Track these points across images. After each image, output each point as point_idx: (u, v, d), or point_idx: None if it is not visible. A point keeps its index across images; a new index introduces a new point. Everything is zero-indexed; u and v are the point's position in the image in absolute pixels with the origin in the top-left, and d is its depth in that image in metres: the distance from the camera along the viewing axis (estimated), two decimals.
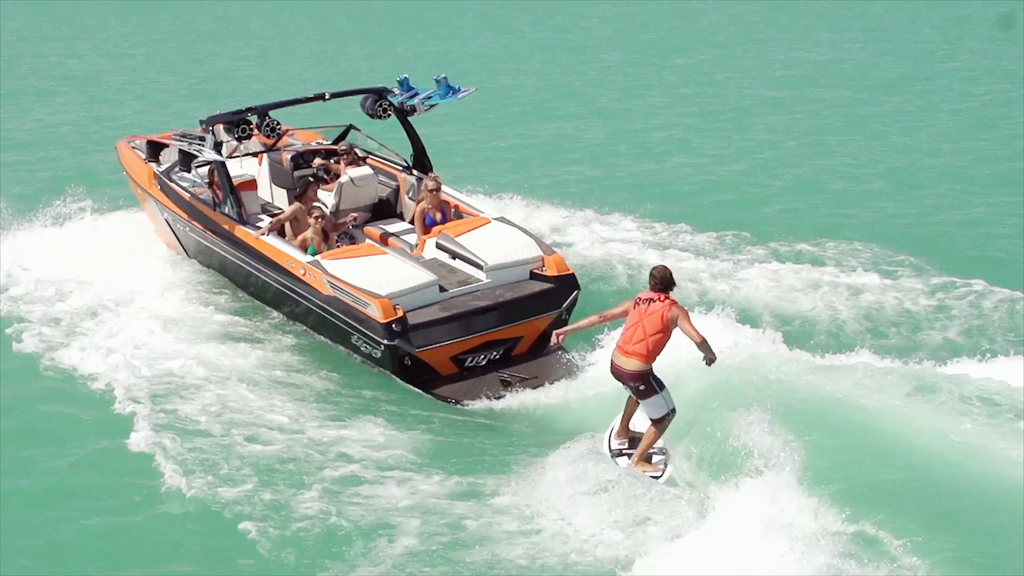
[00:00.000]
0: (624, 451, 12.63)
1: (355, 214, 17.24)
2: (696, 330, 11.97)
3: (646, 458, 12.38)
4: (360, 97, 18.21)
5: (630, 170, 24.67)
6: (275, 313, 16.66)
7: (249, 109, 17.05)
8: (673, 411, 12.24)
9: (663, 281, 12.17)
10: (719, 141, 26.86)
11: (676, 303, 12.13)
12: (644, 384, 12.07)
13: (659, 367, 12.15)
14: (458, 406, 14.50)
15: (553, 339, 12.94)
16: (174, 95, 33.02)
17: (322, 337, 15.85)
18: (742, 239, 19.66)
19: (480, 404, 14.50)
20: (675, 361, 12.54)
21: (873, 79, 33.03)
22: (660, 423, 12.22)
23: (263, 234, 16.34)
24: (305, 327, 16.13)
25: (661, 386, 12.14)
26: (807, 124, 28.13)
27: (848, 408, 12.75)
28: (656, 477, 12.20)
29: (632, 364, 12.01)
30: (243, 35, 45.03)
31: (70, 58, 39.92)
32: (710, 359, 12.06)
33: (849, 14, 44.10)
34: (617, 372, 12.22)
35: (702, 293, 17.20)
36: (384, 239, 17.15)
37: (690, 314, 12.28)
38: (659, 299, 12.10)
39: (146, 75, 36.52)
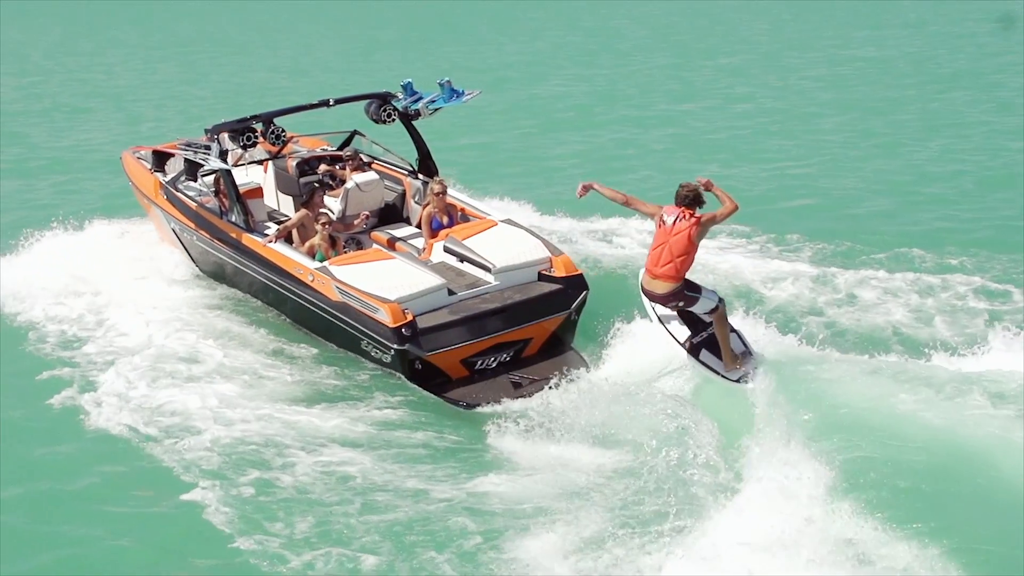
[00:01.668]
0: (696, 341, 13.02)
1: (367, 212, 17.26)
2: (723, 211, 12.44)
3: (733, 356, 12.82)
4: (364, 102, 18.23)
5: (705, 176, 23.64)
6: (364, 367, 15.35)
7: (254, 117, 17.06)
8: (721, 300, 12.70)
9: (688, 199, 12.43)
10: (789, 142, 25.82)
11: (700, 219, 12.36)
12: (683, 299, 12.51)
13: None
14: (468, 409, 14.50)
15: (580, 190, 13.26)
16: (211, 108, 32.27)
17: (332, 343, 15.86)
18: (851, 251, 18.46)
19: (491, 407, 14.46)
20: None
21: (930, 75, 31.96)
22: (715, 313, 12.68)
23: (271, 241, 16.36)
24: (314, 333, 16.14)
25: (699, 288, 12.57)
26: (876, 123, 27.12)
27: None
28: (747, 373, 12.69)
29: (664, 287, 12.41)
30: (271, 43, 44.51)
31: (100, 73, 39.29)
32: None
33: (880, 10, 43.00)
34: (650, 296, 12.57)
35: (828, 325, 15.80)
36: (391, 244, 17.15)
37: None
38: (684, 216, 12.29)
39: (177, 88, 35.95)
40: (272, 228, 17.07)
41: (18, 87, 36.70)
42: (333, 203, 17.72)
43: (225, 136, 16.96)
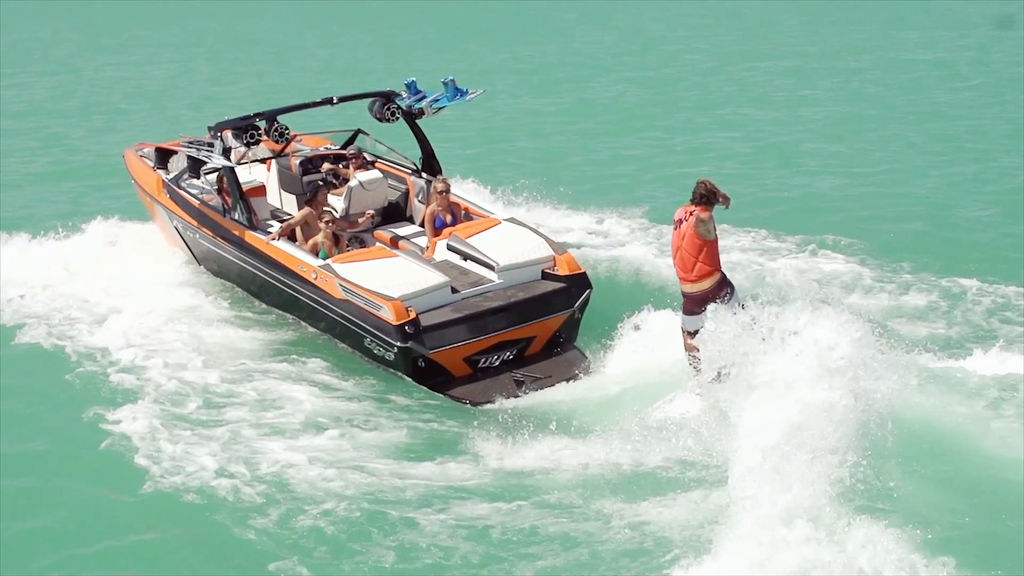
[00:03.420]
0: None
1: (371, 211, 17.26)
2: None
3: None
4: (368, 101, 18.22)
5: (794, 190, 22.01)
6: (467, 410, 14.33)
7: (257, 115, 17.05)
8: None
9: (698, 195, 12.71)
10: (868, 147, 24.33)
11: (695, 211, 12.62)
12: (729, 285, 12.89)
13: None
14: (472, 407, 14.47)
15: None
16: (246, 109, 31.22)
17: (338, 341, 15.83)
18: (979, 270, 17.06)
19: (494, 405, 14.42)
20: None
21: (998, 77, 30.40)
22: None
23: (274, 239, 16.35)
24: (318, 331, 16.11)
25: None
26: (956, 128, 25.62)
27: None
28: None
29: (706, 284, 12.75)
30: (302, 43, 43.84)
31: (131, 73, 38.65)
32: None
33: (919, 11, 41.50)
34: (697, 300, 12.77)
35: (966, 369, 13.74)
36: (395, 242, 17.14)
37: None
38: (687, 216, 12.71)
39: (212, 88, 35.39)
40: (275, 226, 17.06)
41: (50, 86, 36.31)
42: (336, 201, 17.72)
43: (228, 134, 16.97)
